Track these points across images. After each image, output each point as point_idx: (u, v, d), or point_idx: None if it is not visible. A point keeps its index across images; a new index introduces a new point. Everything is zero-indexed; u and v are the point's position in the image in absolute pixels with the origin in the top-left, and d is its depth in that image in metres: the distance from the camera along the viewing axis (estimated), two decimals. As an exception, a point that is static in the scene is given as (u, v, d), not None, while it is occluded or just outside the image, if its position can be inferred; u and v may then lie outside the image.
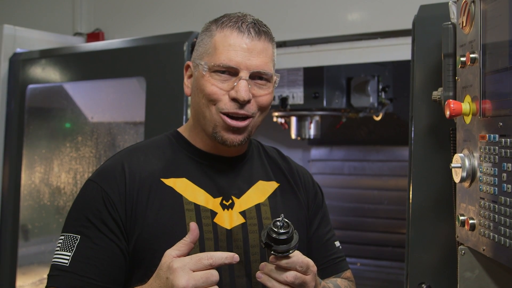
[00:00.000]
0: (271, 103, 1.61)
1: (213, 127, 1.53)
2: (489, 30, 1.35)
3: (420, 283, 1.87)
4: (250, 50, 1.52)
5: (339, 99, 3.22)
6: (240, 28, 1.53)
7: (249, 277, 1.54)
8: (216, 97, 1.51)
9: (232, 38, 1.52)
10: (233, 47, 1.52)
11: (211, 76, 1.52)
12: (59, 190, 3.26)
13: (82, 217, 1.51)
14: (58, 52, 3.25)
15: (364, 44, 2.69)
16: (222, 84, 1.52)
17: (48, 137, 3.40)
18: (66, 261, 1.47)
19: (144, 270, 1.48)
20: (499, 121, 1.29)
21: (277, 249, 1.36)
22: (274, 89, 1.66)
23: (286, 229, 1.37)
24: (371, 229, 4.00)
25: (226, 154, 1.63)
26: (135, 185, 1.52)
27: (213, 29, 1.57)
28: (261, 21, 1.60)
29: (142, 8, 3.56)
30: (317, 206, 1.77)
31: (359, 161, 4.10)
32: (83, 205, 1.53)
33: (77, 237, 1.49)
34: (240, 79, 1.50)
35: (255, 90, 1.54)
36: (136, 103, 2.84)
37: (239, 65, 1.51)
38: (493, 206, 1.31)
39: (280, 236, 1.35)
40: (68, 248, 1.49)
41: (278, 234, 1.35)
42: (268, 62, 1.56)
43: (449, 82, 1.64)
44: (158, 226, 1.50)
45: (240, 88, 1.50)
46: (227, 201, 1.58)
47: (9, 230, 3.22)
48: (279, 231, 1.36)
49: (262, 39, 1.55)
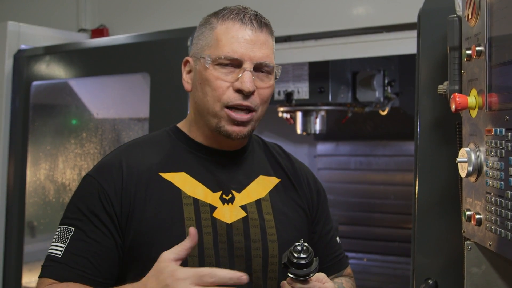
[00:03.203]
0: (271, 95, 1.61)
1: (217, 121, 1.53)
2: (495, 23, 1.34)
3: (426, 278, 1.86)
4: (253, 41, 1.52)
5: (345, 94, 3.21)
6: (242, 20, 1.53)
7: (249, 272, 1.53)
8: (221, 91, 1.51)
9: (234, 30, 1.52)
10: (236, 38, 1.51)
11: (215, 69, 1.52)
12: (64, 187, 3.27)
13: (78, 210, 1.52)
14: (62, 48, 3.25)
15: (370, 38, 2.67)
16: (226, 76, 1.52)
17: (53, 133, 3.40)
18: (59, 253, 1.48)
19: (142, 264, 1.48)
20: (505, 115, 1.28)
21: (296, 272, 1.40)
22: (279, 84, 1.66)
23: (305, 253, 1.41)
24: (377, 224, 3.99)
25: (226, 148, 1.62)
26: (132, 180, 1.52)
27: (214, 21, 1.56)
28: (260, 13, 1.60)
29: (146, 4, 3.55)
30: (320, 204, 1.76)
31: (365, 156, 4.09)
32: (80, 199, 1.55)
33: (71, 229, 1.50)
34: (245, 70, 1.50)
35: (258, 82, 1.54)
36: (141, 99, 2.84)
37: (243, 57, 1.51)
38: (499, 200, 1.29)
39: (300, 261, 1.40)
40: (62, 240, 1.50)
41: (297, 259, 1.40)
42: (270, 54, 1.56)
43: (455, 75, 1.63)
44: (156, 220, 1.50)
45: (245, 79, 1.49)
46: (227, 196, 1.57)
47: (15, 227, 3.23)
48: (299, 256, 1.40)
49: (264, 31, 1.55)
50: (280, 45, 2.88)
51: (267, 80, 1.56)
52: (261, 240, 1.55)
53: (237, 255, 1.52)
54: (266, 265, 1.55)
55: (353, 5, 2.79)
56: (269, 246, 1.55)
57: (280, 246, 1.57)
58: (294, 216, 1.65)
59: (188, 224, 1.50)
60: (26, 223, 3.25)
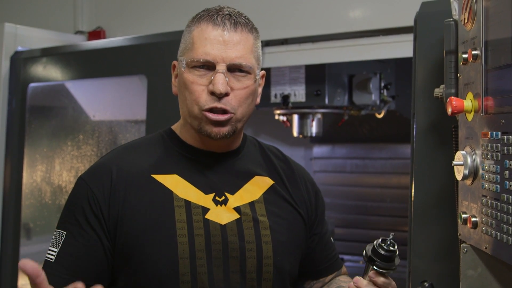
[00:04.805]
0: (253, 95, 1.57)
1: (198, 123, 1.53)
2: (491, 27, 1.34)
3: (422, 281, 1.87)
4: (226, 42, 1.50)
5: (341, 97, 3.21)
6: (215, 21, 1.51)
7: (243, 273, 1.52)
8: (197, 95, 1.50)
9: (208, 32, 1.51)
10: (209, 40, 1.50)
11: (190, 72, 1.51)
12: (60, 189, 3.26)
13: (70, 213, 1.53)
14: (59, 50, 3.25)
15: (366, 41, 2.68)
16: (201, 79, 1.50)
17: (50, 135, 3.40)
18: (52, 257, 1.49)
19: (133, 266, 1.48)
20: (501, 118, 1.28)
21: (381, 265, 1.40)
22: (276, 87, 1.65)
23: (394, 246, 1.41)
24: (373, 227, 3.99)
25: (217, 150, 1.61)
26: (122, 182, 1.52)
27: (191, 24, 1.56)
28: (241, 12, 1.58)
29: (143, 6, 3.55)
30: (319, 206, 1.76)
31: (362, 158, 4.10)
32: (72, 202, 1.55)
33: (63, 233, 1.51)
34: (217, 72, 1.49)
35: (233, 83, 1.51)
36: (138, 101, 2.84)
37: (215, 59, 1.49)
38: (495, 203, 1.30)
39: (387, 253, 1.40)
40: (56, 244, 1.51)
41: (386, 251, 1.40)
42: (246, 53, 1.52)
43: (451, 79, 1.63)
44: (147, 222, 1.49)
45: (216, 81, 1.48)
46: (220, 197, 1.57)
47: (11, 229, 3.22)
48: (388, 248, 1.40)
49: (239, 31, 1.52)
50: (277, 48, 2.89)
51: (245, 80, 1.53)
52: (256, 241, 1.54)
53: (231, 256, 1.52)
54: (261, 267, 1.54)
55: (350, 8, 2.80)
56: (264, 247, 1.55)
57: (274, 247, 1.56)
58: (289, 218, 1.64)
59: (179, 226, 1.49)
60: (22, 225, 3.25)
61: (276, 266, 1.56)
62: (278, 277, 1.57)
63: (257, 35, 1.60)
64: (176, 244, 1.48)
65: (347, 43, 2.73)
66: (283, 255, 1.58)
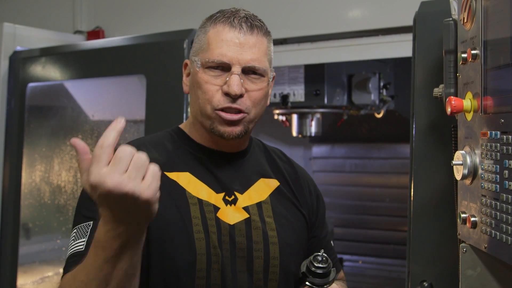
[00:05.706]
0: (266, 97, 1.61)
1: (211, 123, 1.54)
2: (491, 26, 1.34)
3: (421, 281, 1.87)
4: (242, 44, 1.52)
5: (340, 97, 3.21)
6: (232, 23, 1.53)
7: (250, 273, 1.54)
8: (211, 94, 1.52)
9: (224, 34, 1.53)
10: (225, 42, 1.52)
11: (205, 72, 1.53)
12: (59, 189, 3.26)
13: (90, 203, 1.46)
14: (58, 50, 3.24)
15: (365, 41, 2.68)
16: (216, 80, 1.52)
17: (49, 135, 3.39)
18: (82, 246, 1.40)
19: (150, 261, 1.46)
20: (500, 118, 1.28)
21: (313, 281, 1.51)
22: (275, 87, 1.65)
23: (324, 263, 1.51)
24: (372, 227, 4.00)
25: (227, 150, 1.62)
26: None
27: (207, 25, 1.58)
28: (256, 15, 1.60)
29: (142, 5, 3.55)
30: (320, 209, 1.76)
31: (361, 158, 4.10)
32: None
33: (90, 223, 1.43)
34: (232, 73, 1.51)
35: (248, 84, 1.54)
36: (137, 101, 2.84)
37: (231, 60, 1.51)
38: (494, 203, 1.30)
39: (318, 270, 1.51)
40: (82, 235, 1.42)
41: (316, 268, 1.51)
42: (260, 56, 1.55)
43: (450, 78, 1.63)
44: (164, 218, 1.47)
45: (232, 82, 1.50)
46: (230, 197, 1.58)
47: (10, 229, 3.22)
48: (319, 265, 1.51)
49: (255, 34, 1.55)
50: (276, 48, 2.87)
51: (259, 83, 1.55)
52: (263, 242, 1.55)
53: (239, 256, 1.53)
54: (267, 267, 1.55)
55: (349, 8, 2.80)
56: (271, 248, 1.56)
57: (281, 248, 1.57)
58: (294, 220, 1.65)
59: (195, 223, 1.50)
60: (21, 225, 3.24)
61: (282, 266, 1.57)
62: (284, 277, 1.58)
63: (270, 38, 1.62)
64: (194, 240, 1.48)
65: (346, 42, 2.73)
66: (289, 256, 1.59)
